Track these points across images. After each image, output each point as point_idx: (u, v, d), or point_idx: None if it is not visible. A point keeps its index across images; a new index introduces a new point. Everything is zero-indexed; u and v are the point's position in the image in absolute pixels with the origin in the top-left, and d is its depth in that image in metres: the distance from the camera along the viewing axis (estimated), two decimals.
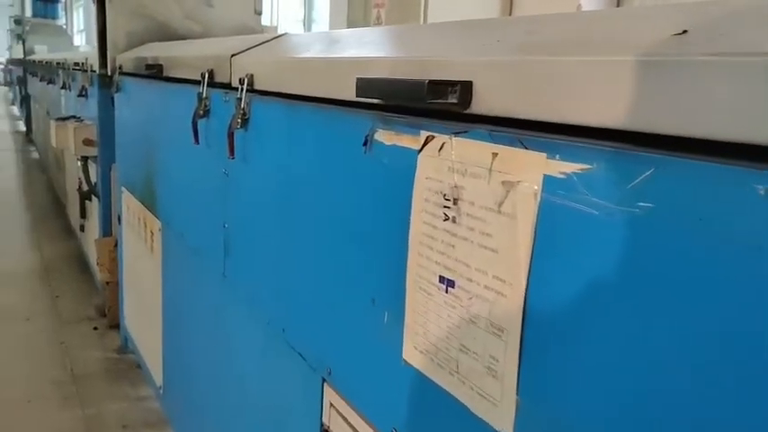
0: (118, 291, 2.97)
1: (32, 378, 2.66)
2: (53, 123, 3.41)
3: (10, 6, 19.58)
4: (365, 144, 0.89)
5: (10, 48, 17.90)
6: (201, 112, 1.53)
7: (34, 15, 10.41)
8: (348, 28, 4.43)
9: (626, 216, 0.52)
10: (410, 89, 0.72)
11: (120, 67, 2.61)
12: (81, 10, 18.99)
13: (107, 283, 3.03)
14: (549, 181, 0.60)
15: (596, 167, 0.55)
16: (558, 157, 0.59)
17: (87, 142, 3.13)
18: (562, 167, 0.58)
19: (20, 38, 14.34)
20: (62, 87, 4.37)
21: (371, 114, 0.88)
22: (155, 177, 2.13)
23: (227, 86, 1.46)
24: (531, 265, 0.63)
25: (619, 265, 0.53)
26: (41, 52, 9.82)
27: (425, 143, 0.77)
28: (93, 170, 3.31)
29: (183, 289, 1.91)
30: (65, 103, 4.52)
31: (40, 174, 7.35)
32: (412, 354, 0.82)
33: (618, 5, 3.74)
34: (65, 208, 5.16)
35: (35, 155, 8.78)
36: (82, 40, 18.80)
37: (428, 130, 0.77)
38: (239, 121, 1.30)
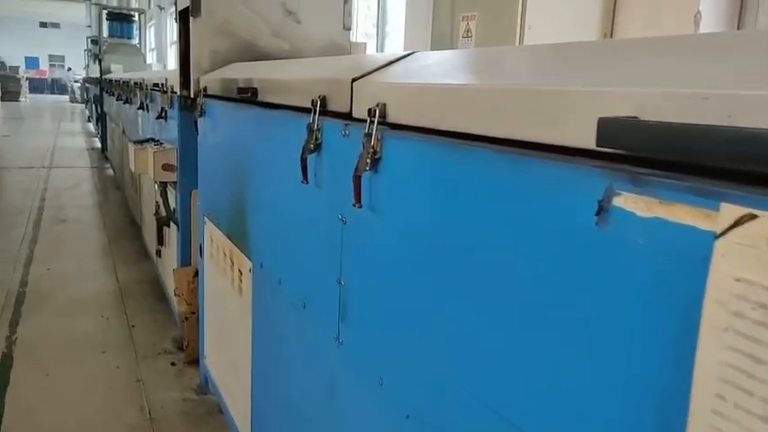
0: (197, 325, 2.79)
1: (108, 420, 2.49)
2: (132, 147, 3.29)
3: (88, 27, 20.41)
4: (598, 213, 0.61)
5: (87, 67, 18.61)
6: (312, 146, 1.30)
7: (110, 36, 10.68)
8: (433, 42, 4.17)
9: None
10: (758, 141, 0.44)
11: (204, 90, 2.44)
12: (153, 29, 19.57)
13: (186, 318, 2.86)
14: None
15: None
16: None
17: (167, 167, 2.99)
18: None
19: (96, 57, 14.83)
20: (139, 108, 4.30)
21: (610, 169, 0.61)
22: (246, 212, 1.92)
23: (345, 116, 1.22)
24: None
25: None
26: (117, 71, 10.04)
27: (736, 224, 0.49)
28: (171, 195, 3.17)
29: (280, 342, 1.68)
30: (142, 123, 4.45)
31: (115, 191, 7.42)
32: None
33: (740, 14, 3.35)
34: (140, 229, 5.10)
35: (110, 172, 8.92)
36: (153, 59, 19.33)
37: (738, 203, 0.49)
38: (368, 161, 1.05)
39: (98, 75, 10.53)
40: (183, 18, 2.71)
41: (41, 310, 3.59)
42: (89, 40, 19.13)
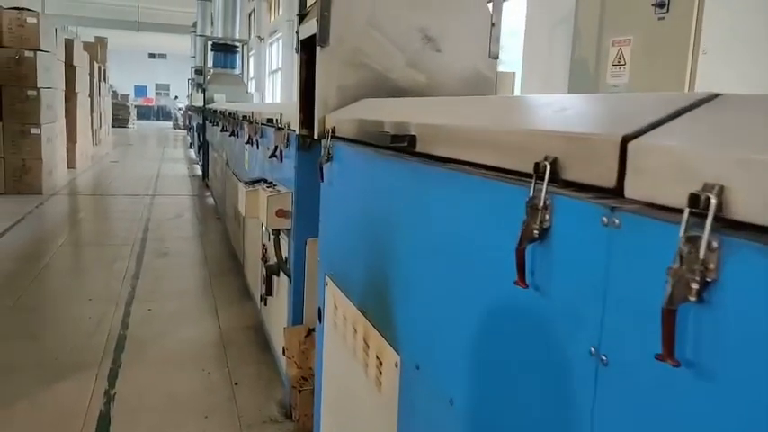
0: (311, 398, 2.42)
1: None
2: (243, 189, 3.01)
3: (192, 58, 21.29)
4: None
5: (190, 95, 19.32)
6: (536, 232, 0.87)
7: (215, 66, 10.85)
8: (572, 71, 3.68)
9: None
10: None
11: (332, 131, 2.09)
12: (252, 59, 20.10)
13: (299, 387, 2.49)
14: None
15: None
16: None
17: (281, 214, 2.66)
18: None
19: (200, 87, 15.27)
20: (247, 142, 4.06)
21: None
22: (390, 293, 1.51)
23: (604, 193, 0.78)
24: None
25: None
26: (220, 100, 10.15)
27: None
28: (283, 242, 2.84)
29: None
30: (249, 159, 4.21)
31: (216, 222, 7.33)
32: None
33: None
34: (241, 266, 4.86)
35: (211, 200, 8.92)
36: (252, 88, 19.82)
37: None
38: (693, 285, 0.61)
39: (201, 103, 10.71)
40: (306, 48, 2.39)
41: (141, 360, 3.35)
42: (193, 69, 19.94)
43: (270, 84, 19.74)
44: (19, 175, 8.86)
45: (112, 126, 26.71)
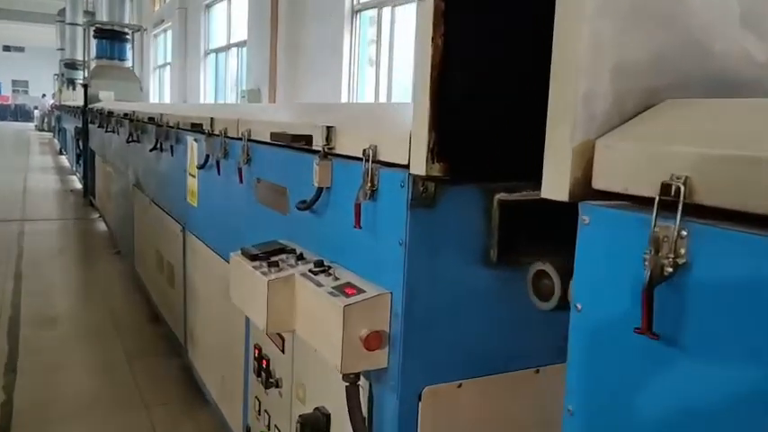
0: None
1: None
2: (248, 267, 1.55)
3: (60, 51, 18.41)
4: None
5: (59, 92, 16.55)
6: None
7: (99, 57, 8.82)
8: None
9: None
10: None
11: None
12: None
13: None
14: None
15: None
16: None
17: (375, 340, 1.26)
18: None
19: (71, 83, 12.93)
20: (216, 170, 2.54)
21: None
22: None
23: None
24: None
25: None
26: (107, 99, 8.22)
27: None
28: (363, 393, 1.41)
29: None
30: (203, 194, 2.68)
31: (116, 259, 5.53)
32: None
33: None
34: (179, 344, 3.28)
35: (101, 226, 7.03)
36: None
37: None
38: None
39: (78, 102, 8.67)
40: None
41: None
42: (62, 63, 17.18)
43: (154, 81, 17.41)
44: None
45: None
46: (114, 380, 3.18)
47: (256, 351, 2.04)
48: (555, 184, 0.86)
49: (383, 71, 6.82)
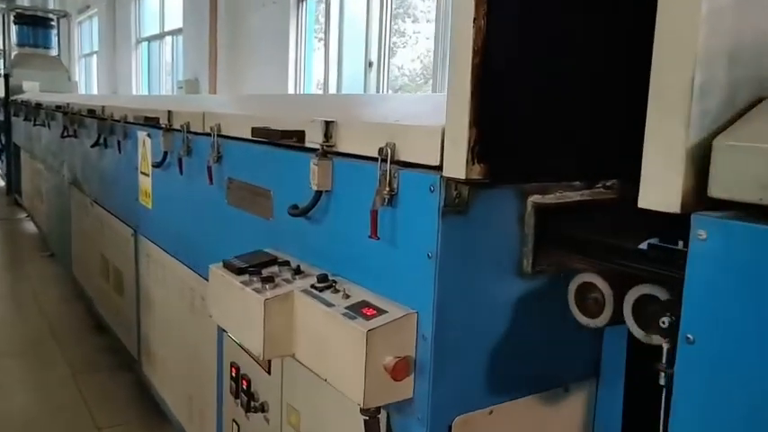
0: None
1: None
2: (236, 283, 1.36)
3: None
4: None
5: None
6: None
7: (21, 44, 8.18)
8: None
9: None
10: None
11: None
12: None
13: None
14: None
15: None
16: None
17: (402, 369, 1.09)
18: None
19: None
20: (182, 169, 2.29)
21: None
22: None
23: None
24: None
25: None
26: (32, 89, 7.65)
27: None
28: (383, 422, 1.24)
29: None
30: (160, 197, 2.43)
31: (49, 263, 5.13)
32: None
33: None
34: (131, 357, 3.01)
35: (30, 226, 6.54)
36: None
37: None
38: None
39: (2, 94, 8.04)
40: None
41: None
42: None
43: (80, 71, 16.44)
44: None
45: None
46: (59, 399, 2.88)
47: (233, 370, 1.83)
48: (661, 193, 0.71)
49: (332, 57, 6.59)
